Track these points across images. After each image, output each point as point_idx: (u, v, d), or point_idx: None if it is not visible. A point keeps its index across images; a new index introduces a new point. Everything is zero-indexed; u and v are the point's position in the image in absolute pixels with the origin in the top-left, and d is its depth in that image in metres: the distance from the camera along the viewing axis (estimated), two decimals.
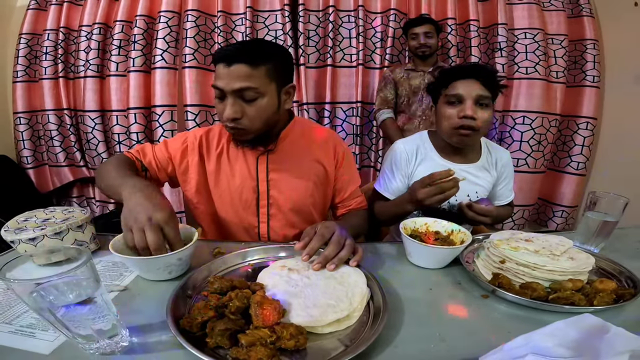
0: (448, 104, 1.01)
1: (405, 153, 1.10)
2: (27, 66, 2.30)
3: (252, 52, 0.78)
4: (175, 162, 0.95)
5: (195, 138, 0.96)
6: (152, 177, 0.94)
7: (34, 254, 0.58)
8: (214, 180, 0.95)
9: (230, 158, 0.95)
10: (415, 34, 1.89)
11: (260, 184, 0.94)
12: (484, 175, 1.12)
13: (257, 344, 0.46)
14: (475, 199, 1.12)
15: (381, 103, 2.00)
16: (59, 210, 0.78)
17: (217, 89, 0.80)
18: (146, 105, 2.18)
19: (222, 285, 0.57)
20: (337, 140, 1.04)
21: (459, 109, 0.98)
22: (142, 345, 0.50)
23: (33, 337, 0.51)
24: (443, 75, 1.05)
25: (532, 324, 0.50)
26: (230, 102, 0.79)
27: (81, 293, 0.43)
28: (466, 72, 0.99)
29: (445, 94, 1.01)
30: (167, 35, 2.10)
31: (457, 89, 0.98)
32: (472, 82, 0.98)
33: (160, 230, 0.63)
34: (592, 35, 2.17)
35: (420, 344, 0.51)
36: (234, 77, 0.78)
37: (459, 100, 0.99)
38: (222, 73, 0.78)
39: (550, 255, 0.68)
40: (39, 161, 2.44)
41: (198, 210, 0.99)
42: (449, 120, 1.00)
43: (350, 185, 1.04)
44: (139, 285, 0.66)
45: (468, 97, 0.97)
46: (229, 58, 0.78)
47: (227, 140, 0.96)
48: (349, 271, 0.65)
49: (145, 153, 0.94)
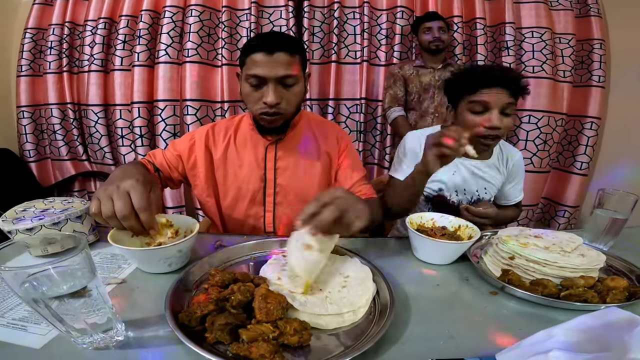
0: (472, 112, 0.96)
1: (418, 141, 1.06)
2: (31, 60, 2.29)
3: (289, 42, 0.83)
4: (184, 159, 0.97)
5: (202, 133, 0.99)
6: (166, 177, 0.97)
7: (30, 245, 0.57)
8: (222, 171, 0.97)
9: (238, 149, 0.98)
10: (428, 28, 1.87)
11: (267, 172, 0.96)
12: (494, 173, 1.11)
13: (259, 340, 0.44)
14: (484, 195, 1.11)
15: (391, 101, 1.97)
16: (58, 201, 0.77)
17: (257, 77, 0.82)
18: (149, 100, 2.17)
19: (224, 278, 0.55)
20: (340, 131, 1.08)
21: (485, 118, 0.94)
22: (138, 339, 0.48)
23: (25, 330, 0.49)
24: (468, 79, 0.98)
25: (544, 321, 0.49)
26: (272, 88, 0.82)
27: (75, 284, 0.41)
28: (494, 80, 0.93)
29: (470, 100, 0.96)
30: (171, 30, 2.09)
31: (484, 97, 0.93)
32: (499, 91, 0.93)
33: (128, 197, 0.61)
34: (599, 35, 2.14)
35: (428, 341, 0.49)
36: (277, 65, 0.81)
37: (485, 109, 0.94)
38: (263, 61, 0.81)
39: (560, 251, 0.66)
40: (41, 155, 2.43)
41: (208, 204, 1.01)
42: (472, 129, 0.95)
43: (354, 174, 1.01)
44: (138, 278, 0.64)
45: (495, 107, 0.93)
46: (271, 46, 0.80)
47: (234, 132, 0.99)
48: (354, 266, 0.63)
49: (156, 156, 0.97)
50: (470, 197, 1.10)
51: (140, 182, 0.64)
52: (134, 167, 0.75)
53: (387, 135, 2.24)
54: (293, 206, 0.98)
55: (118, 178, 0.65)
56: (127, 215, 0.60)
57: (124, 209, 0.60)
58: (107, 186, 0.63)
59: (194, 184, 1.00)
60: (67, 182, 2.42)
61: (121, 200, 0.60)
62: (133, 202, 0.61)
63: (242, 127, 1.00)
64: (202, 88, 2.14)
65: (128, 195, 0.61)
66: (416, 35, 1.96)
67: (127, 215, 0.60)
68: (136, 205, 0.61)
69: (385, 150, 2.27)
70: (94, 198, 0.63)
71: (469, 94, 0.96)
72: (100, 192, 0.63)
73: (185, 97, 2.12)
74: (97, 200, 0.62)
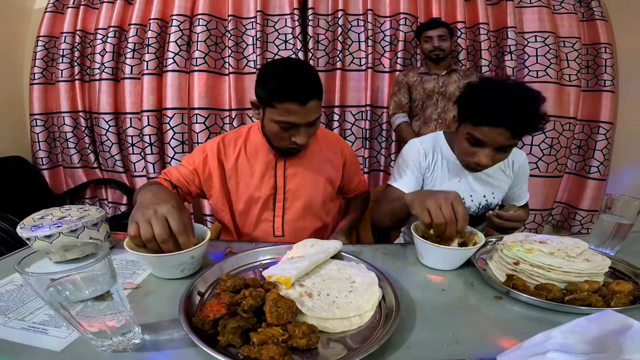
0: (467, 141, 0.92)
1: (421, 149, 1.07)
2: (44, 68, 2.34)
3: (316, 87, 0.86)
4: (199, 172, 1.01)
5: (212, 146, 1.02)
6: (184, 192, 1.00)
7: (51, 251, 0.60)
8: (234, 180, 1.01)
9: (249, 158, 1.02)
10: (429, 37, 1.89)
11: (278, 179, 1.01)
12: (500, 177, 1.10)
13: (269, 342, 0.46)
14: (491, 200, 1.11)
15: (395, 107, 1.99)
16: (74, 209, 0.79)
17: (291, 123, 0.85)
18: (158, 108, 2.21)
19: (235, 283, 0.57)
20: (343, 143, 1.17)
21: (475, 152, 0.91)
22: (154, 342, 0.50)
23: (45, 334, 0.51)
24: (474, 108, 0.90)
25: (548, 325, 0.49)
26: (304, 131, 0.88)
27: (97, 289, 0.43)
28: (500, 121, 0.84)
29: (469, 132, 0.90)
30: (178, 39, 2.13)
31: (482, 136, 0.88)
32: (501, 132, 0.85)
33: (166, 222, 0.64)
34: (605, 39, 2.14)
35: (433, 345, 0.50)
36: (310, 113, 0.85)
37: (479, 144, 0.90)
38: (297, 110, 0.83)
39: (565, 257, 0.67)
40: (54, 162, 2.49)
41: (223, 212, 1.05)
42: (463, 155, 0.96)
43: (354, 178, 1.19)
44: (152, 283, 0.67)
45: (489, 145, 0.88)
46: (304, 97, 0.82)
47: (243, 142, 1.04)
48: (360, 271, 0.65)
49: (172, 173, 1.00)
50: (478, 203, 1.09)
51: (175, 207, 0.67)
52: (163, 190, 0.78)
53: (393, 141, 2.25)
54: (300, 212, 1.03)
55: (152, 203, 0.67)
56: (167, 239, 0.63)
57: (164, 234, 0.63)
58: (143, 210, 0.65)
59: (210, 194, 1.03)
60: (78, 190, 2.46)
61: (160, 225, 0.63)
62: (172, 226, 0.64)
63: (251, 138, 1.03)
64: (209, 97, 2.17)
65: (166, 219, 0.64)
66: (419, 43, 1.98)
67: (166, 239, 0.63)
68: (175, 230, 0.64)
69: (390, 156, 2.29)
70: (131, 222, 0.65)
71: (470, 123, 0.90)
72: (138, 216, 0.64)
73: (194, 106, 2.16)
74: (135, 224, 0.64)
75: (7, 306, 0.57)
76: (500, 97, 0.85)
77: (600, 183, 2.24)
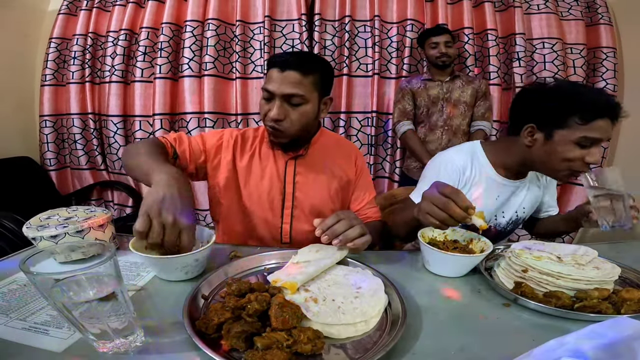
0: (580, 145, 0.83)
1: (456, 165, 0.99)
2: (55, 70, 2.37)
3: (304, 61, 0.86)
4: (209, 155, 0.99)
5: (230, 137, 1.01)
6: (181, 166, 0.95)
7: (56, 251, 0.60)
8: (244, 179, 0.99)
9: (262, 160, 1.00)
10: (435, 43, 1.88)
11: (287, 186, 0.99)
12: (534, 188, 1.07)
13: (273, 347, 0.45)
14: (522, 214, 1.07)
15: (400, 115, 1.98)
16: (81, 210, 0.80)
17: (267, 91, 0.86)
18: (172, 112, 2.22)
19: (241, 287, 0.56)
20: (358, 152, 1.11)
21: (588, 153, 0.83)
22: (157, 345, 0.49)
23: (46, 334, 0.50)
24: (582, 105, 0.82)
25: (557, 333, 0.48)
26: (277, 104, 0.86)
27: (102, 289, 0.43)
28: (609, 111, 0.81)
29: (585, 135, 0.82)
30: (192, 44, 2.16)
31: (600, 132, 0.81)
32: (609, 123, 0.82)
33: (178, 235, 0.63)
34: (610, 44, 2.13)
35: (439, 352, 0.49)
36: (286, 82, 0.84)
37: (592, 144, 0.83)
38: (275, 77, 0.85)
39: (575, 264, 0.66)
40: (61, 164, 2.51)
41: (221, 207, 1.02)
42: (570, 163, 0.86)
43: (366, 195, 1.08)
44: (156, 286, 0.66)
45: (603, 142, 0.83)
46: (283, 64, 0.84)
47: (259, 143, 1.02)
48: (366, 277, 0.64)
49: (182, 141, 0.96)
50: (509, 218, 1.06)
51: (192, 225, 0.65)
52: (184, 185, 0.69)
53: (398, 148, 2.24)
54: (309, 220, 1.00)
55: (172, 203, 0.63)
56: (171, 248, 0.63)
57: (172, 245, 0.62)
58: (162, 210, 0.61)
59: (212, 183, 1.01)
60: (85, 191, 2.49)
61: (172, 237, 0.62)
62: (182, 243, 0.63)
63: (266, 139, 1.02)
64: (218, 101, 2.19)
65: (179, 233, 0.63)
66: (423, 49, 1.98)
67: (171, 248, 0.63)
68: (183, 245, 0.63)
69: (395, 163, 2.28)
70: (143, 214, 0.61)
71: (580, 124, 0.82)
72: (154, 214, 0.61)
73: (203, 110, 2.18)
74: (148, 220, 0.61)
75: (9, 306, 0.57)
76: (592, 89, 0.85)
77: None
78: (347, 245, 0.72)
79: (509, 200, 1.04)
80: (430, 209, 0.70)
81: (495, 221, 1.05)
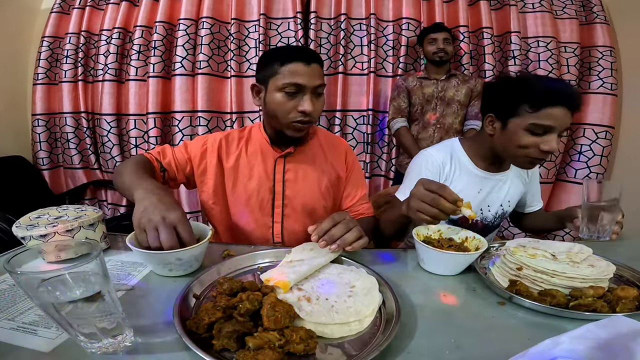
0: (531, 133, 0.87)
1: (437, 160, 1.02)
2: (47, 69, 2.35)
3: (317, 54, 0.88)
4: (194, 163, 0.98)
5: (214, 141, 1.00)
6: (171, 178, 0.97)
7: (44, 251, 0.58)
8: (231, 181, 0.98)
9: (250, 159, 0.99)
10: (433, 39, 1.89)
11: (276, 184, 0.98)
12: (517, 182, 1.08)
13: (265, 347, 0.45)
14: (507, 207, 1.08)
15: (395, 112, 1.99)
16: (71, 209, 0.78)
17: (297, 85, 0.85)
18: (164, 110, 2.21)
19: (232, 286, 0.55)
20: (348, 148, 1.10)
21: (542, 140, 0.86)
22: (146, 345, 0.48)
23: (35, 334, 0.50)
24: (532, 93, 0.86)
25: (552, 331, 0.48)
26: (309, 97, 0.86)
27: (89, 289, 0.42)
28: (562, 99, 0.83)
29: (534, 122, 0.85)
30: (185, 43, 2.15)
31: (550, 120, 0.84)
32: (564, 111, 0.83)
33: (173, 230, 0.63)
34: (607, 42, 2.14)
35: (434, 351, 0.49)
36: (315, 75, 0.85)
37: (546, 131, 0.85)
38: (302, 70, 0.84)
39: (569, 262, 0.65)
40: (54, 163, 2.49)
41: (213, 211, 1.01)
42: (526, 150, 0.88)
43: (358, 191, 1.07)
44: (147, 285, 0.65)
45: (557, 130, 0.84)
46: (308, 58, 0.85)
47: (245, 142, 1.01)
48: (360, 276, 0.64)
49: (166, 154, 0.97)
50: (495, 212, 1.07)
51: (184, 216, 0.66)
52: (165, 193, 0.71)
53: (394, 146, 2.25)
54: (300, 218, 1.00)
55: (159, 208, 0.65)
56: (174, 247, 0.62)
57: (173, 243, 0.62)
58: (150, 216, 0.63)
59: (201, 189, 1.00)
60: (78, 190, 2.46)
61: (170, 234, 0.62)
62: (182, 236, 0.63)
63: (253, 138, 1.01)
64: (212, 100, 2.18)
65: (175, 229, 0.63)
66: (422, 47, 1.99)
67: (174, 247, 0.62)
68: (185, 240, 0.64)
69: (391, 161, 2.28)
70: (137, 227, 0.64)
71: (530, 112, 0.86)
72: (145, 222, 0.63)
73: (196, 108, 2.17)
74: (143, 231, 0.63)
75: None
76: (547, 79, 0.86)
77: None
78: (345, 250, 0.72)
79: (492, 193, 1.05)
80: (420, 206, 0.72)
81: (481, 215, 1.06)
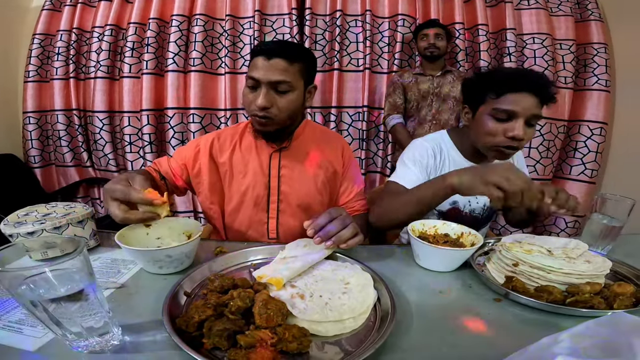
0: (495, 119, 0.88)
1: (429, 149, 1.02)
2: (38, 66, 2.32)
3: (290, 50, 0.85)
4: (189, 167, 0.99)
5: (207, 141, 1.00)
6: (171, 185, 0.98)
7: (30, 248, 0.57)
8: (227, 178, 0.98)
9: (244, 154, 0.98)
10: (425, 35, 1.89)
11: (271, 180, 0.97)
12: None
13: (256, 346, 0.44)
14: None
15: (390, 108, 1.98)
16: (60, 206, 0.77)
17: (253, 79, 0.85)
18: (158, 107, 2.19)
19: (223, 284, 0.54)
20: (344, 143, 1.09)
21: (508, 126, 0.86)
22: (135, 344, 0.47)
23: (20, 333, 0.49)
24: (495, 80, 0.88)
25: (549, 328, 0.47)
26: (264, 92, 0.84)
27: (73, 287, 0.41)
28: (524, 85, 0.84)
29: (495, 107, 0.87)
30: (178, 39, 2.13)
31: (512, 105, 0.84)
32: (528, 98, 0.84)
33: (114, 200, 0.66)
34: (601, 39, 2.14)
35: (430, 349, 0.48)
36: (273, 70, 0.83)
37: (510, 117, 0.86)
38: (261, 65, 0.84)
39: (566, 258, 0.65)
40: (46, 161, 2.45)
41: (211, 211, 1.01)
42: (492, 137, 0.89)
43: (354, 187, 1.06)
44: (136, 283, 0.64)
45: (521, 116, 0.85)
46: (270, 52, 0.83)
47: (239, 138, 1.00)
48: (355, 272, 0.63)
49: (162, 164, 0.99)
50: (483, 205, 1.07)
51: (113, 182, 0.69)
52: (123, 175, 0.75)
53: (389, 143, 2.24)
54: (296, 214, 0.99)
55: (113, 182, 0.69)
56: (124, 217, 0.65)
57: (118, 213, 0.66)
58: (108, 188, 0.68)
59: (198, 191, 1.00)
60: (71, 188, 2.43)
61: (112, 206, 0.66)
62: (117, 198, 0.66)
63: (247, 134, 1.00)
64: (205, 97, 2.16)
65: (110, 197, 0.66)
66: (416, 43, 1.98)
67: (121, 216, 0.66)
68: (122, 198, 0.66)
69: (387, 158, 2.27)
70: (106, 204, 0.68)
71: (493, 98, 0.88)
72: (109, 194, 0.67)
73: (189, 105, 2.15)
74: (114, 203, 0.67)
75: None
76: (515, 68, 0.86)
77: (592, 186, 2.19)
78: (340, 247, 0.70)
79: None
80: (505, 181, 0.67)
81: (469, 207, 1.05)
